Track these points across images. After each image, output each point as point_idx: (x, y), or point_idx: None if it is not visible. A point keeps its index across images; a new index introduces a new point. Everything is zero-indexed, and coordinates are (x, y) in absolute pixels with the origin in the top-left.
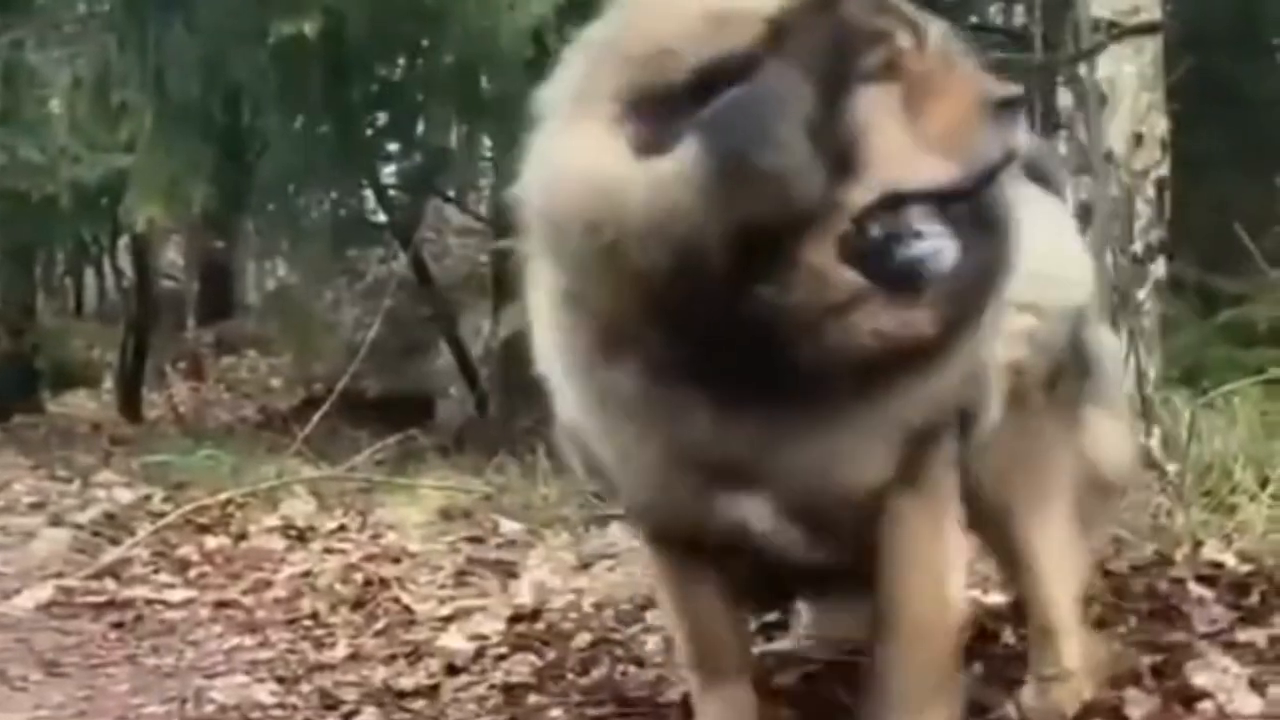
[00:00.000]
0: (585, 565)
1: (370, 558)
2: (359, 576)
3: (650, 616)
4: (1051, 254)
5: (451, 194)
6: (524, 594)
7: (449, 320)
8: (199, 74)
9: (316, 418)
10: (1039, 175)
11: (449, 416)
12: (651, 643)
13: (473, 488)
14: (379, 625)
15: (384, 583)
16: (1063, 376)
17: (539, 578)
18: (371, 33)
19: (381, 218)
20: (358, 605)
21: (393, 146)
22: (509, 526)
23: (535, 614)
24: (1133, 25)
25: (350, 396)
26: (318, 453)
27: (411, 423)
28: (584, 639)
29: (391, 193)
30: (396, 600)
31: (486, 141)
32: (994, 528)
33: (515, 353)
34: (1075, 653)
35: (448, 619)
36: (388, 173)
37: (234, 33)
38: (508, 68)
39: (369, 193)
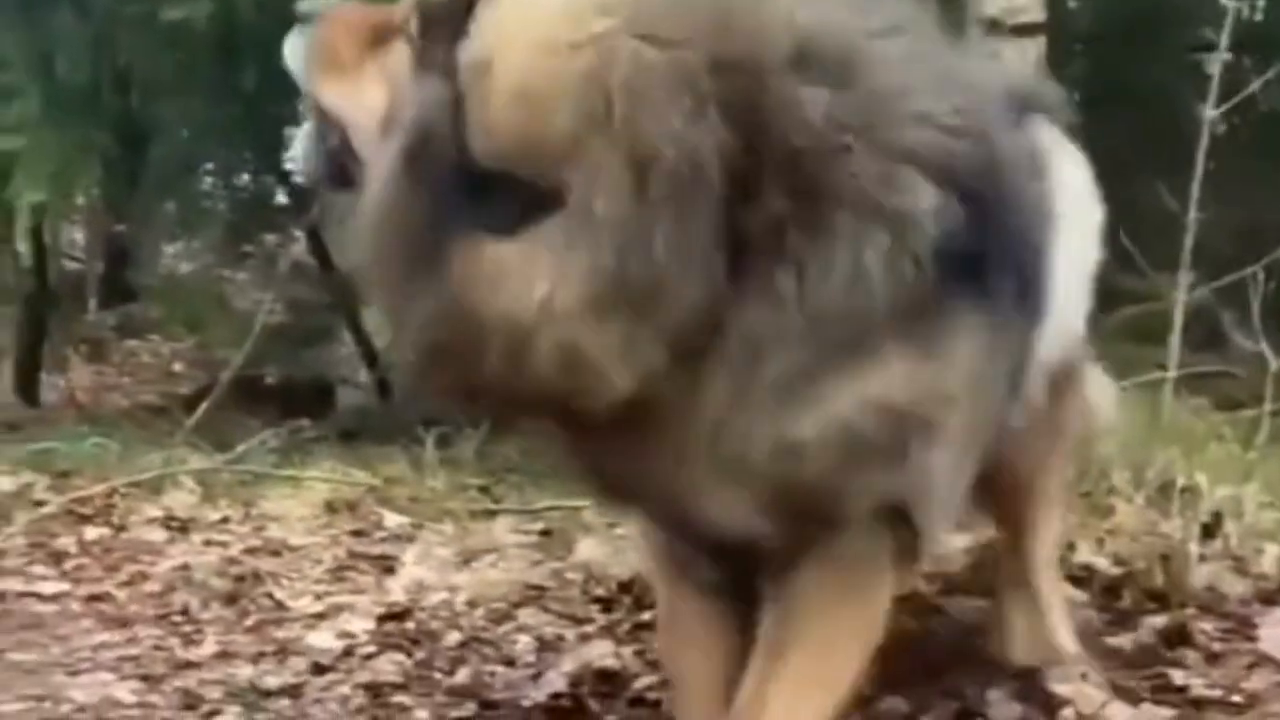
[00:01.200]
0: (466, 561)
1: (250, 550)
2: (235, 570)
3: (522, 615)
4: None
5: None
6: (397, 591)
7: (351, 306)
8: (87, 57)
9: (205, 406)
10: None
11: (351, 404)
12: (522, 642)
13: (359, 480)
14: (250, 622)
15: (259, 577)
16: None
17: (415, 575)
18: (262, 15)
19: (283, 200)
20: (231, 600)
21: (292, 130)
22: (393, 520)
23: (407, 612)
24: (1014, 25)
25: (249, 383)
26: (212, 441)
27: (312, 411)
28: (454, 638)
29: (292, 176)
30: (270, 596)
31: None
32: (1007, 497)
33: None
34: (1057, 611)
35: (319, 616)
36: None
37: (123, 16)
38: None
39: (270, 176)
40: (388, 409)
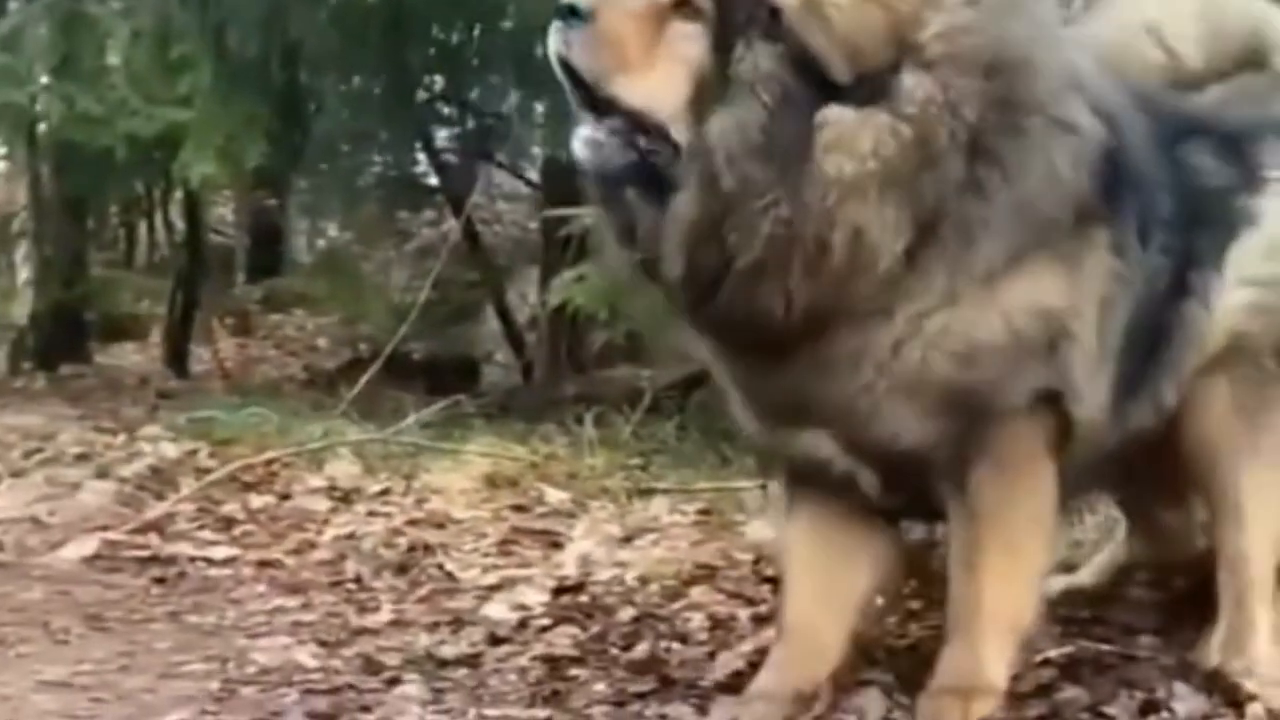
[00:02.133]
0: (629, 538)
1: (414, 522)
2: (403, 541)
3: (694, 594)
4: None
5: (503, 160)
6: (568, 565)
7: (497, 286)
8: (258, 31)
9: (364, 379)
10: None
11: (495, 382)
12: (696, 620)
13: (518, 455)
14: (422, 592)
15: (428, 549)
16: None
17: (583, 549)
18: None
19: (434, 181)
20: (401, 570)
21: (447, 110)
22: (554, 496)
23: (579, 586)
24: None
25: (396, 359)
26: (363, 414)
27: (457, 388)
28: (628, 613)
29: (445, 156)
30: (440, 567)
31: (540, 109)
32: (1203, 474)
33: (562, 321)
34: (1265, 618)
35: (492, 588)
36: (442, 136)
37: None
38: None
39: (422, 155)
40: (531, 388)
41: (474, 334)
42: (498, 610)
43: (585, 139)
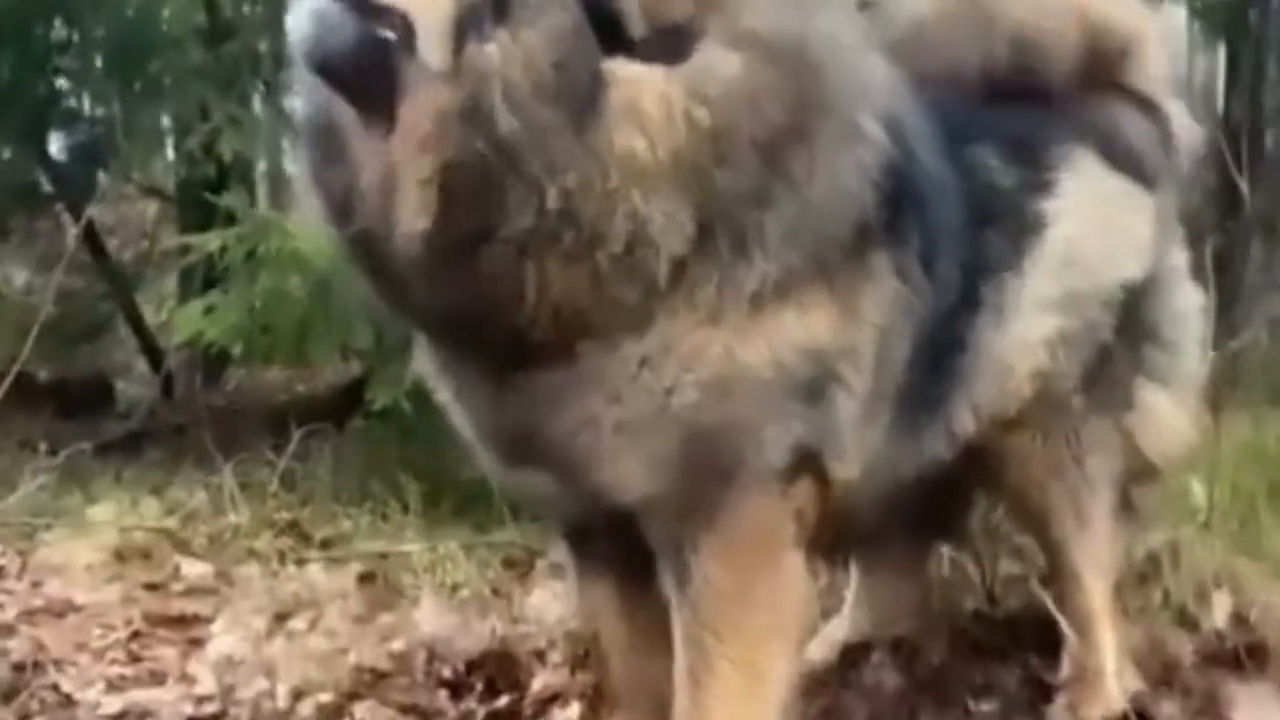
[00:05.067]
0: (282, 617)
1: (30, 614)
2: (13, 647)
3: (359, 711)
4: (1089, 234)
5: (123, 168)
6: (205, 678)
7: (127, 297)
8: None
9: None
10: (1124, 160)
11: (131, 400)
12: None
13: (152, 520)
14: None
15: (38, 666)
16: (1108, 366)
17: (225, 648)
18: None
19: (50, 189)
20: (8, 697)
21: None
22: (193, 569)
23: (219, 716)
24: None
25: (20, 381)
26: None
27: (90, 409)
28: None
29: (61, 162)
30: (56, 688)
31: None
32: (1033, 531)
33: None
34: (1110, 650)
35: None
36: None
37: None
38: (173, 38)
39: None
40: (172, 403)
41: (106, 350)
42: None
43: (309, 9)
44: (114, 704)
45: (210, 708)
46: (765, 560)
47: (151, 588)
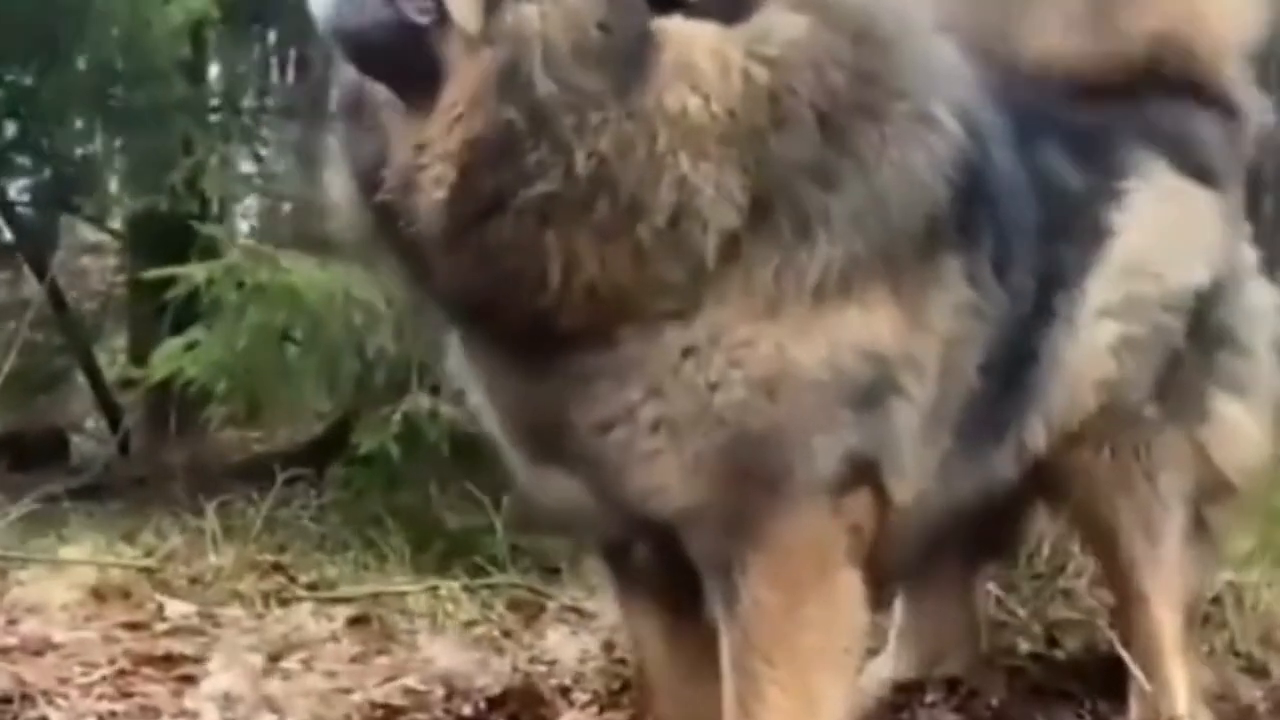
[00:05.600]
0: (276, 658)
1: (6, 652)
2: None
3: None
4: (1158, 241)
5: (87, 211)
6: (209, 713)
7: (84, 348)
8: None
9: None
10: (1193, 163)
11: (88, 456)
12: None
13: (128, 560)
14: None
15: (26, 698)
16: (1179, 373)
17: (223, 685)
18: None
19: (9, 237)
20: None
21: (22, 160)
22: (176, 608)
23: None
24: None
25: None
26: None
27: (45, 464)
28: None
29: (20, 210)
30: None
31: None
32: (1101, 553)
33: (161, 384)
34: (1182, 692)
35: None
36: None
37: None
38: (156, 72)
39: None
40: (129, 459)
41: (59, 403)
42: None
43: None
44: None
45: None
46: (817, 579)
47: (132, 627)
